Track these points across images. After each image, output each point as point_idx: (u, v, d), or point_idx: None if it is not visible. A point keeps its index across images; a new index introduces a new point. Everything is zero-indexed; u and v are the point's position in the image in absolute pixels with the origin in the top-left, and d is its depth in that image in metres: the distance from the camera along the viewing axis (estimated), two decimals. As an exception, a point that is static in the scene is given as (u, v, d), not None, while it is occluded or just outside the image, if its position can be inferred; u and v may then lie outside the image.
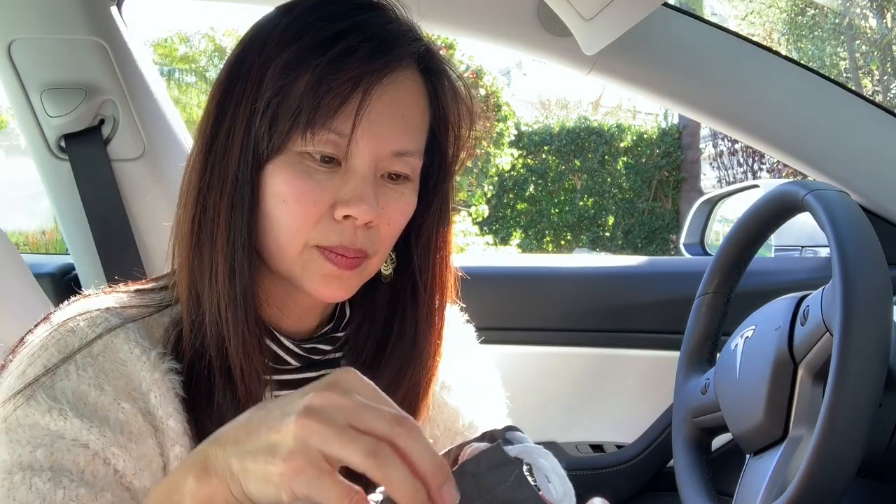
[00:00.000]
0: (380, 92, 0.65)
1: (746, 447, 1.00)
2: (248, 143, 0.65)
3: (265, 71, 0.65)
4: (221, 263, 0.66)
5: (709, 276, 1.16)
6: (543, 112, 12.34)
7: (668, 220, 9.67)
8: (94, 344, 0.64)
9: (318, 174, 0.65)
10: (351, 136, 0.64)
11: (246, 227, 0.66)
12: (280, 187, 0.65)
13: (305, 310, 0.75)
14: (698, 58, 1.34)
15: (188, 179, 0.69)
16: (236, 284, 0.66)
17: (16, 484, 0.57)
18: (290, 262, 0.67)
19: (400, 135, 0.67)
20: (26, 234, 8.39)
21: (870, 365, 0.77)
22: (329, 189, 0.65)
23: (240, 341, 0.66)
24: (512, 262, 1.84)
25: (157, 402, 0.64)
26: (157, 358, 0.65)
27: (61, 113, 1.37)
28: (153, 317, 0.69)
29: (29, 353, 0.64)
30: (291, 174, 0.65)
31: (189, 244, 0.68)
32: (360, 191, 0.65)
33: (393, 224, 0.69)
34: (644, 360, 1.51)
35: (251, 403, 0.66)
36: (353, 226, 0.66)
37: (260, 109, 0.64)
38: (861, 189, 1.37)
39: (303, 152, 0.65)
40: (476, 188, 8.55)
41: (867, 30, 11.05)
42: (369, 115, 0.64)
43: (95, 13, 1.36)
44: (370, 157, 0.66)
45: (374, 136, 0.65)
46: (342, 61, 0.63)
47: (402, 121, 0.67)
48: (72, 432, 0.60)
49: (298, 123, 0.63)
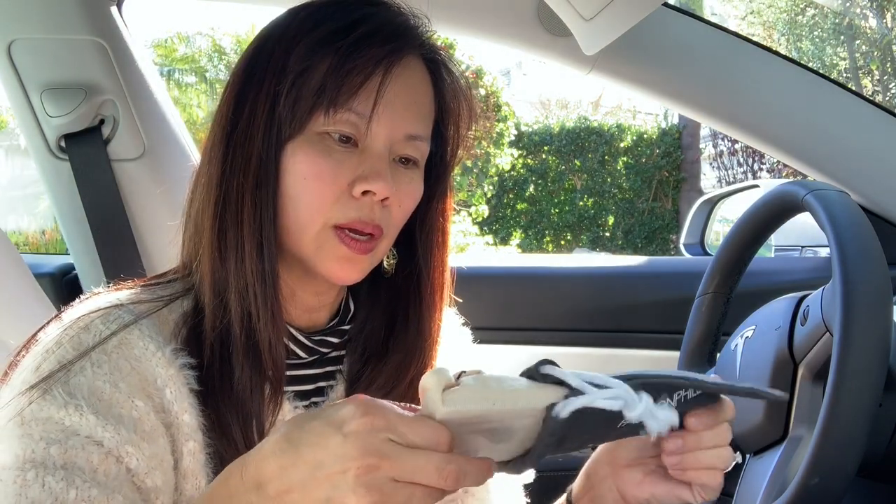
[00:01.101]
0: (396, 74, 0.68)
1: (746, 447, 1.00)
2: (271, 124, 0.68)
3: (288, 55, 0.68)
4: (248, 241, 0.68)
5: (709, 276, 1.16)
6: (543, 112, 12.35)
7: (668, 220, 9.68)
8: (109, 341, 0.64)
9: (336, 153, 0.68)
10: (371, 115, 0.67)
11: (272, 203, 0.68)
12: (300, 165, 0.68)
13: (313, 296, 0.76)
14: (698, 58, 1.34)
15: (207, 171, 0.71)
16: (264, 260, 0.68)
17: (28, 481, 0.57)
18: (308, 242, 0.69)
19: (413, 118, 0.71)
20: (26, 234, 8.40)
21: (870, 365, 0.77)
22: (347, 167, 0.68)
23: (269, 314, 0.68)
24: (512, 262, 1.84)
25: (173, 397, 0.65)
26: (172, 354, 0.66)
27: (61, 113, 1.37)
28: (163, 313, 0.70)
29: (43, 349, 0.64)
30: (312, 153, 0.67)
31: (212, 228, 0.69)
32: (378, 167, 0.68)
33: (403, 206, 0.72)
34: (644, 360, 1.51)
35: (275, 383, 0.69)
36: (371, 202, 0.68)
37: (284, 90, 0.67)
38: (861, 189, 1.37)
39: (322, 132, 0.68)
40: (476, 188, 8.55)
41: (867, 30, 11.06)
42: (387, 99, 0.68)
43: (95, 13, 1.36)
44: (386, 138, 0.69)
45: (389, 118, 0.69)
46: (364, 43, 0.67)
47: (414, 105, 0.71)
48: (87, 429, 0.60)
49: (322, 102, 0.66)
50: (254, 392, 0.68)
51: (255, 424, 0.68)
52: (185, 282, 0.73)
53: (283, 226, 0.70)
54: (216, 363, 0.68)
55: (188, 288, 0.72)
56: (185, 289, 0.73)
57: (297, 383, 0.74)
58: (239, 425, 0.67)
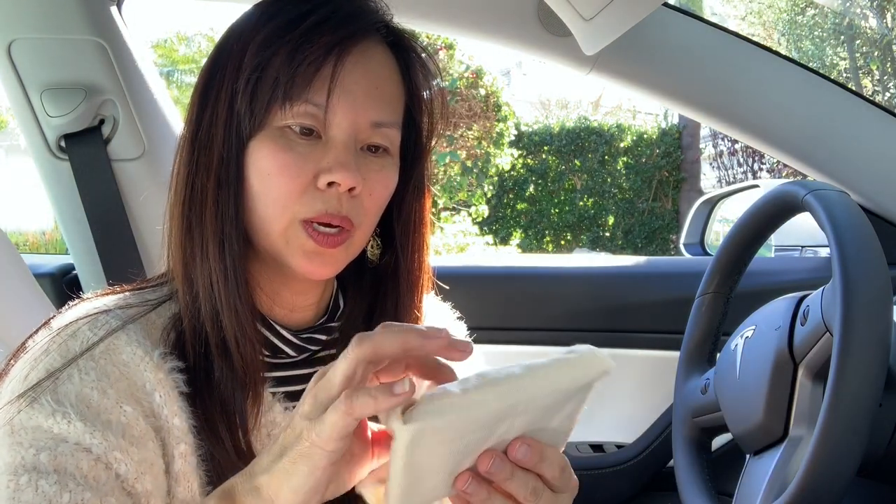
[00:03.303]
0: (353, 62, 0.68)
1: (746, 447, 1.00)
2: (231, 123, 0.68)
3: (244, 53, 0.68)
4: (211, 240, 0.68)
5: (709, 276, 1.16)
6: (543, 112, 12.34)
7: (668, 220, 9.67)
8: (96, 347, 0.64)
9: (299, 146, 0.67)
10: (327, 105, 0.66)
11: (233, 203, 0.68)
12: (263, 162, 0.67)
13: (296, 295, 0.75)
14: (698, 58, 1.34)
15: (177, 169, 0.71)
16: (226, 258, 0.68)
17: (21, 486, 0.57)
18: (276, 238, 0.69)
19: (376, 106, 0.69)
20: (26, 234, 8.39)
21: (870, 365, 0.77)
22: (311, 160, 0.67)
23: (233, 312, 0.68)
24: (512, 262, 1.83)
25: (163, 401, 0.65)
26: (161, 358, 0.66)
27: (61, 113, 1.37)
28: (151, 317, 0.70)
29: (31, 357, 0.64)
30: (274, 148, 0.67)
31: (180, 227, 0.70)
32: (342, 158, 0.67)
33: (375, 195, 0.70)
34: (644, 360, 1.51)
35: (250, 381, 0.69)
36: (337, 193, 0.67)
37: (240, 88, 0.67)
38: (861, 189, 1.37)
39: (283, 126, 0.67)
40: (476, 188, 8.55)
41: (867, 30, 11.05)
42: (344, 86, 0.67)
43: (95, 13, 1.36)
44: (348, 128, 0.68)
45: (350, 106, 0.67)
46: (314, 32, 0.67)
47: (376, 92, 0.69)
48: (75, 436, 0.60)
49: (277, 96, 0.66)
50: (235, 391, 0.68)
51: (239, 423, 0.68)
52: (173, 285, 0.73)
53: (252, 223, 0.70)
54: (200, 364, 0.68)
55: (175, 291, 0.72)
56: (172, 292, 0.73)
57: (288, 384, 0.74)
58: (225, 424, 0.67)
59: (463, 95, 8.24)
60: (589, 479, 1.48)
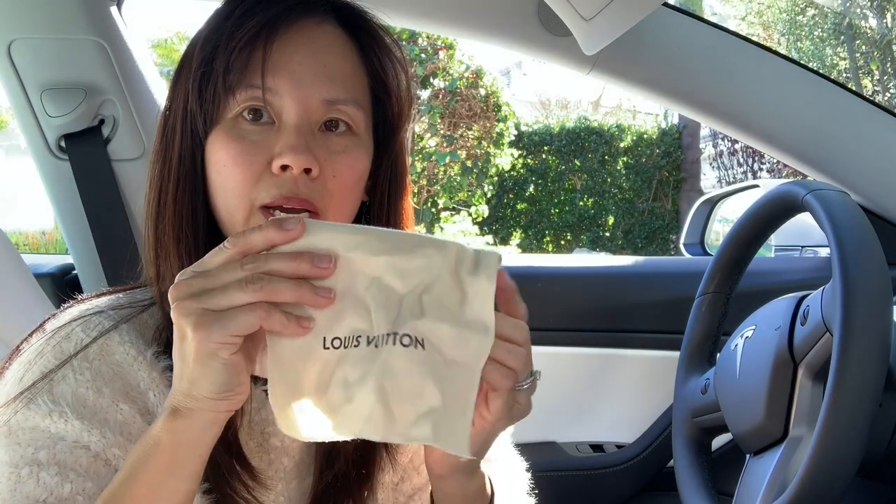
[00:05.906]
0: (292, 42, 0.67)
1: (746, 447, 1.00)
2: (186, 122, 0.69)
3: (193, 52, 0.70)
4: (171, 235, 0.69)
5: (709, 275, 1.16)
6: (543, 112, 12.34)
7: (668, 220, 9.67)
8: (90, 348, 0.65)
9: (251, 135, 0.67)
10: (264, 84, 0.66)
11: (189, 200, 0.69)
12: (218, 154, 0.68)
13: None
14: (698, 58, 1.34)
15: (148, 174, 0.72)
16: (182, 252, 0.68)
17: (23, 478, 0.57)
18: (241, 227, 0.68)
19: (325, 83, 0.68)
20: (26, 234, 8.39)
21: (870, 365, 0.77)
22: (263, 147, 0.67)
23: None
24: (512, 262, 1.83)
25: (157, 399, 0.66)
26: (154, 357, 0.67)
27: (61, 113, 1.37)
28: (143, 317, 0.70)
29: (26, 360, 0.65)
30: (226, 139, 0.67)
31: (148, 228, 0.71)
32: (292, 141, 0.66)
33: (340, 177, 0.69)
34: (644, 360, 1.50)
35: None
36: (293, 176, 0.66)
37: (191, 87, 0.68)
38: (861, 189, 1.37)
39: (235, 117, 0.68)
40: (476, 188, 8.55)
41: (867, 30, 11.05)
42: (287, 67, 0.67)
43: (95, 13, 1.36)
44: (297, 108, 0.67)
45: (295, 86, 0.67)
46: (246, 16, 0.67)
47: (324, 70, 0.69)
48: (73, 434, 0.60)
49: (220, 87, 0.67)
50: None
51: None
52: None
53: (220, 217, 0.70)
54: None
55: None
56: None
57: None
58: None
59: (463, 95, 8.24)
60: (589, 479, 1.48)
